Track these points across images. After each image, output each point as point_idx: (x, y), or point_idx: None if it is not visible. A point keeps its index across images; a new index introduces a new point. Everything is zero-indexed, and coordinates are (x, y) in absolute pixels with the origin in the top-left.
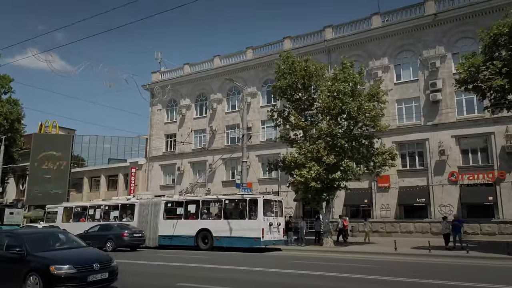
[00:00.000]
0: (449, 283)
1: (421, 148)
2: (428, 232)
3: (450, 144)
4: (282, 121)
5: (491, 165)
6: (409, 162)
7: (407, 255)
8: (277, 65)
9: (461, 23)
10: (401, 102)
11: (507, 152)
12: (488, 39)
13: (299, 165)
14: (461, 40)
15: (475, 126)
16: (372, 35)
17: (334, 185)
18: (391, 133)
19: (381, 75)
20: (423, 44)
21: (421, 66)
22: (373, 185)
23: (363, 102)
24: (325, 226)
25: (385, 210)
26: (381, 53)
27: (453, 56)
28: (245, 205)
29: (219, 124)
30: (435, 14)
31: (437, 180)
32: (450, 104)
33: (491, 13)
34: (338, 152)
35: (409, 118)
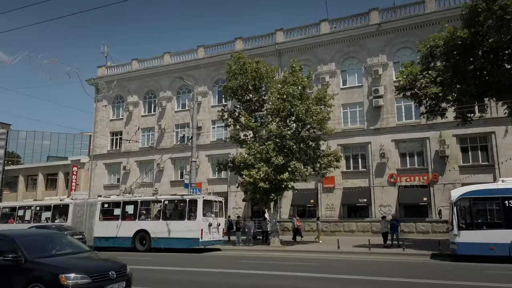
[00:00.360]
0: (381, 278)
1: (364, 151)
2: (369, 231)
3: (390, 148)
4: (232, 121)
5: (426, 168)
6: (352, 164)
7: (349, 253)
8: (228, 66)
9: (402, 34)
10: (347, 107)
11: (440, 156)
12: (425, 50)
13: (249, 166)
14: (402, 50)
15: (413, 131)
16: (321, 40)
17: (282, 186)
18: (337, 136)
19: (328, 79)
20: (368, 52)
21: (365, 72)
22: (319, 185)
23: (311, 105)
24: (273, 226)
25: (330, 210)
26: (329, 59)
27: (394, 64)
28: (185, 206)
29: (168, 122)
30: (378, 24)
31: (377, 181)
32: (391, 110)
33: (429, 26)
34: (287, 153)
35: (353, 122)
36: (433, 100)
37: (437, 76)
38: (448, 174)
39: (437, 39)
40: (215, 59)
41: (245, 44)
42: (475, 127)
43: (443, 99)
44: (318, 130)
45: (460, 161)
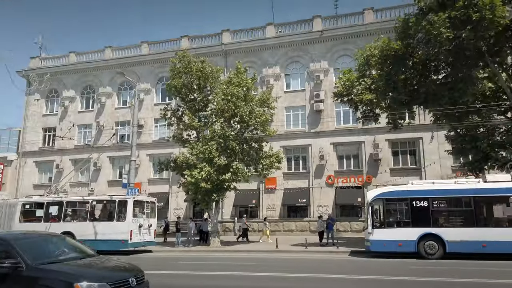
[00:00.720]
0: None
1: (305, 153)
2: (307, 230)
3: (329, 150)
4: (175, 120)
5: (361, 170)
6: (294, 166)
7: (287, 252)
8: (172, 63)
9: (342, 42)
10: (290, 110)
11: (374, 159)
12: (362, 59)
13: (191, 166)
14: (342, 57)
15: (350, 135)
16: (267, 44)
17: (224, 186)
18: (279, 138)
19: (272, 82)
20: (311, 58)
21: (308, 77)
22: (261, 186)
23: (255, 107)
24: (214, 226)
25: (271, 210)
26: (274, 62)
27: (335, 71)
28: (114, 207)
29: (107, 119)
30: (321, 31)
31: (316, 182)
32: (330, 114)
33: (367, 36)
34: (230, 154)
35: (295, 125)
36: (368, 106)
37: (372, 83)
38: (381, 176)
39: (373, 49)
40: (159, 56)
41: (191, 43)
42: (405, 132)
43: (377, 105)
44: (261, 131)
45: (391, 164)
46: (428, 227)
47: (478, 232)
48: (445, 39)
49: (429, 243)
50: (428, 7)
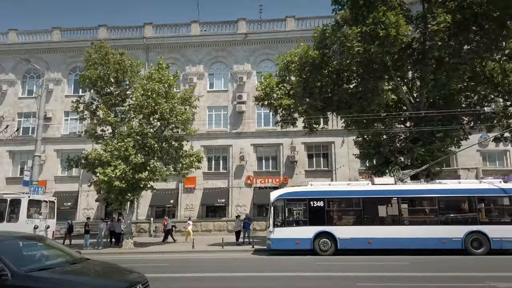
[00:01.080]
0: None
1: (226, 153)
2: (225, 230)
3: (249, 151)
4: (89, 114)
5: (278, 171)
6: (214, 166)
7: (203, 252)
8: (88, 53)
9: (265, 46)
10: (212, 109)
11: (291, 161)
12: (282, 64)
13: (104, 163)
14: (265, 61)
15: (269, 137)
16: (191, 41)
17: (140, 185)
18: (201, 137)
19: (196, 81)
20: (234, 59)
21: (231, 78)
22: (180, 186)
23: (176, 105)
24: (127, 227)
25: (189, 210)
26: (198, 61)
27: (257, 74)
28: (5, 207)
29: (9, 110)
30: (245, 34)
31: (236, 182)
32: (252, 116)
33: (289, 43)
34: (147, 152)
35: (217, 125)
36: (287, 110)
37: (290, 89)
38: (296, 177)
39: (293, 55)
40: (73, 45)
41: (109, 33)
42: (320, 136)
43: (295, 110)
44: (182, 130)
45: (306, 166)
46: (323, 226)
47: (365, 230)
48: (356, 52)
49: (323, 241)
50: (343, 20)
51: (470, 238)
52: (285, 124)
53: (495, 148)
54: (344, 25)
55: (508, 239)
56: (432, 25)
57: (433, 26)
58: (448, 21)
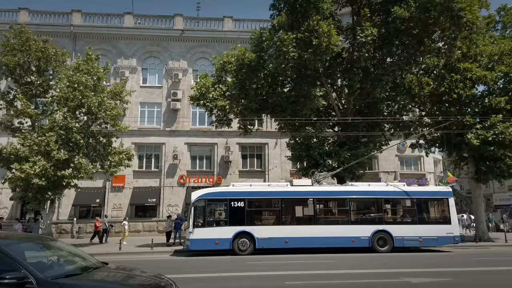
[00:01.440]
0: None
1: (158, 151)
2: (155, 231)
3: (183, 150)
4: (5, 104)
5: (212, 171)
6: (145, 164)
7: (131, 253)
8: (5, 38)
9: (202, 45)
10: (145, 105)
11: (225, 161)
12: (219, 65)
13: (21, 159)
14: (201, 60)
15: (204, 136)
16: (124, 33)
17: (63, 183)
18: (132, 134)
19: (128, 75)
20: (170, 55)
21: (166, 74)
22: (107, 184)
23: (106, 99)
24: (46, 228)
25: (116, 210)
26: (131, 54)
27: (193, 72)
28: None
29: None
30: (182, 30)
31: (168, 182)
32: (187, 114)
33: (226, 43)
34: (72, 148)
35: (150, 122)
36: (222, 111)
37: (226, 90)
38: (230, 177)
39: (230, 56)
40: None
41: (32, 18)
42: (254, 137)
43: (230, 111)
44: (112, 126)
45: (240, 166)
46: (242, 226)
47: (282, 230)
48: (291, 57)
49: (242, 240)
50: (280, 25)
51: (376, 237)
52: (220, 125)
53: (411, 154)
54: (280, 29)
55: (409, 238)
56: (361, 37)
57: (361, 38)
58: (375, 34)
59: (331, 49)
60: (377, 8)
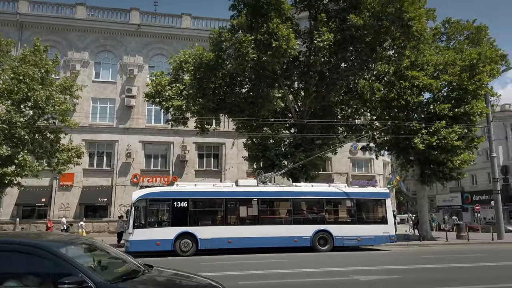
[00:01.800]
0: None
1: (111, 149)
2: (106, 231)
3: (137, 148)
4: None
5: (167, 170)
6: (96, 162)
7: None
8: None
9: (159, 41)
10: (97, 101)
11: (181, 160)
12: (176, 64)
13: None
14: (158, 56)
15: (160, 134)
16: (75, 25)
17: (5, 181)
18: (82, 131)
19: (79, 68)
20: (125, 50)
21: (120, 70)
22: (54, 183)
23: (54, 93)
24: None
25: (64, 209)
26: (83, 47)
27: (150, 68)
28: None
29: None
30: (138, 25)
31: (120, 181)
32: (141, 111)
33: (184, 40)
34: (16, 144)
35: (102, 118)
36: (178, 110)
37: (183, 89)
38: (186, 176)
39: (187, 56)
40: None
41: None
42: (211, 137)
43: (187, 109)
44: (60, 121)
45: (196, 165)
46: (185, 226)
47: (225, 230)
48: (251, 59)
49: (184, 241)
50: (239, 26)
51: (317, 237)
52: (176, 124)
53: (362, 156)
54: (240, 30)
55: (348, 237)
56: (318, 41)
57: (318, 43)
58: (331, 39)
59: (289, 53)
60: (333, 14)
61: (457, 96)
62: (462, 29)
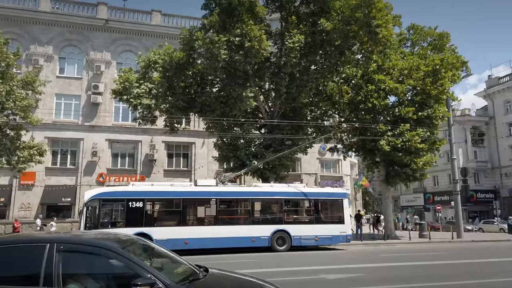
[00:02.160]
0: None
1: (75, 147)
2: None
3: (103, 147)
4: None
5: (135, 169)
6: (60, 160)
7: None
8: None
9: (128, 37)
10: (61, 97)
11: (149, 159)
12: (143, 64)
13: None
14: (126, 53)
15: (128, 133)
16: (39, 18)
17: None
18: (45, 128)
19: (42, 63)
20: (92, 45)
21: (86, 65)
22: (14, 182)
23: (15, 88)
24: None
25: (25, 210)
26: (47, 41)
27: (118, 64)
28: None
29: None
30: (106, 20)
31: (86, 180)
32: (109, 109)
33: (153, 37)
34: None
35: (67, 115)
36: (147, 109)
37: (152, 88)
38: (154, 176)
39: (156, 55)
40: None
41: None
42: (181, 136)
43: (156, 108)
44: (21, 118)
45: (165, 165)
46: (140, 227)
47: (182, 231)
48: (222, 59)
49: None
50: (210, 25)
51: (275, 237)
52: (145, 122)
53: (331, 157)
54: (211, 29)
55: (306, 237)
56: (289, 42)
57: (289, 44)
58: (302, 41)
59: (261, 53)
60: (304, 17)
61: (420, 100)
62: (426, 36)
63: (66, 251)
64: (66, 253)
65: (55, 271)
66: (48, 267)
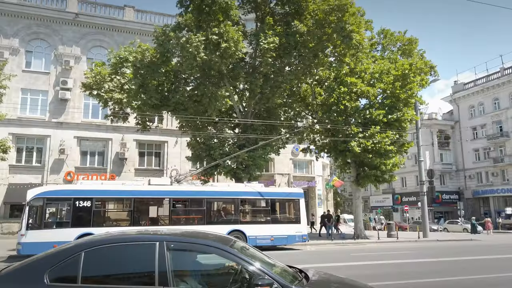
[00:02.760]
0: None
1: (42, 145)
2: None
3: (71, 144)
4: None
5: (105, 168)
6: (25, 158)
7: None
8: None
9: (99, 32)
10: (27, 92)
11: (120, 158)
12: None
13: None
14: (97, 48)
15: (97, 130)
16: (4, 9)
17: None
18: (10, 124)
19: (7, 56)
20: (61, 39)
21: (54, 60)
22: None
23: None
24: None
25: None
26: (13, 33)
27: (88, 60)
28: None
29: None
30: (76, 14)
31: (52, 178)
32: (78, 105)
33: (126, 33)
34: None
35: (33, 111)
36: (118, 104)
37: (124, 83)
38: (125, 175)
39: (127, 53)
40: None
41: None
42: (153, 135)
43: (128, 105)
44: None
45: (137, 164)
46: (88, 228)
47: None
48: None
49: None
50: (185, 24)
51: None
52: (116, 119)
53: (303, 158)
54: (185, 28)
55: (262, 237)
56: (264, 43)
57: (264, 45)
58: (276, 42)
59: (236, 54)
60: (279, 18)
61: (390, 103)
62: (396, 41)
63: (176, 250)
64: (176, 251)
65: (169, 269)
66: (161, 266)
